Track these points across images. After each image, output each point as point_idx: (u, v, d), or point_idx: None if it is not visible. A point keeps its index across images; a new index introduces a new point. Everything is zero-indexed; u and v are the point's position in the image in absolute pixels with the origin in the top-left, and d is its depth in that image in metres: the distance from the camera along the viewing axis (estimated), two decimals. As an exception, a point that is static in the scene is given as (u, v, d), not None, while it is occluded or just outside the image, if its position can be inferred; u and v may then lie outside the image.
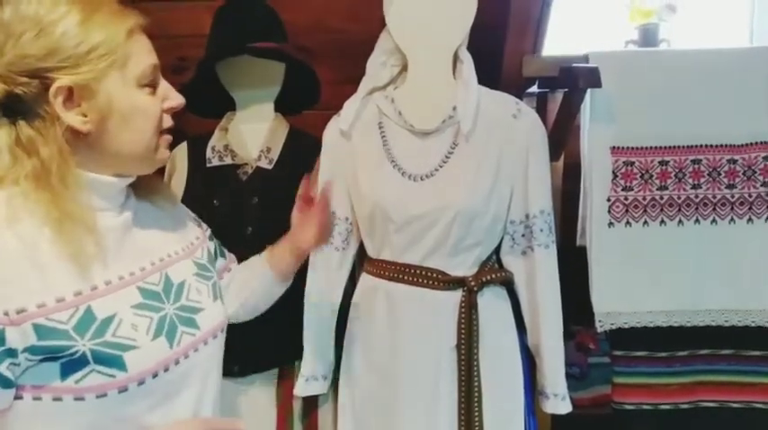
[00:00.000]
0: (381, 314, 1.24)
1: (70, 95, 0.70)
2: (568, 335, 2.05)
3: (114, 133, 0.73)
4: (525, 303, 1.27)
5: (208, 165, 1.39)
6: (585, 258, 1.37)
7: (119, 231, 0.78)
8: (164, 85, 0.79)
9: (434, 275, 1.20)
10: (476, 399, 1.17)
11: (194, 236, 0.96)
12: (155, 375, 0.73)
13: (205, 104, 1.42)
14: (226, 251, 1.08)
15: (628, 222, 1.36)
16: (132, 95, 0.74)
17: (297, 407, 1.38)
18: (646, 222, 1.36)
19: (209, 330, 0.84)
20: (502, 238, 1.26)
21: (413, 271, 1.21)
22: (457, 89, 1.19)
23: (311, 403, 1.39)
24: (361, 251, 1.34)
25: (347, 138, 1.27)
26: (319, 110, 1.42)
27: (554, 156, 1.35)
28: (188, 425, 0.77)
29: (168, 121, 0.80)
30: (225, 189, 1.37)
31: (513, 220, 1.25)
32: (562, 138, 1.40)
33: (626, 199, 1.36)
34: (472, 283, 1.18)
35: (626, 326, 1.36)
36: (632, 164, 1.35)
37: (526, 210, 1.23)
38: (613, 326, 1.36)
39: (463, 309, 1.18)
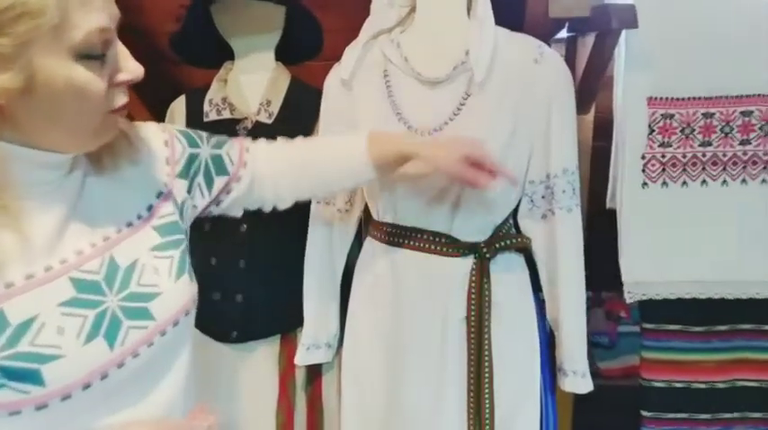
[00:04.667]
0: (386, 281, 1.15)
1: None
2: (598, 302, 1.96)
3: (38, 112, 0.57)
4: (544, 272, 1.16)
5: (205, 119, 1.32)
6: (616, 223, 1.26)
7: (51, 213, 0.63)
8: (117, 53, 0.61)
9: (443, 241, 1.10)
10: (486, 375, 1.08)
11: (162, 183, 0.77)
12: (86, 386, 0.62)
13: (202, 53, 1.35)
14: (232, 151, 0.92)
15: (664, 182, 1.24)
16: (66, 69, 0.56)
17: (300, 375, 1.33)
18: (685, 182, 1.24)
19: (167, 318, 0.70)
20: (519, 200, 1.15)
21: (419, 235, 1.11)
22: (470, 31, 1.06)
23: (314, 372, 1.33)
24: (367, 214, 1.25)
25: (348, 88, 1.16)
26: (323, 60, 1.32)
27: (583, 109, 1.24)
28: (141, 426, 0.66)
29: (121, 99, 0.63)
30: (223, 145, 1.30)
31: (533, 180, 1.13)
32: (592, 88, 1.26)
33: (663, 156, 1.23)
34: (484, 250, 1.08)
35: (658, 298, 1.25)
36: (672, 116, 1.22)
37: (547, 168, 1.11)
38: (644, 298, 1.26)
39: (474, 278, 1.08)
